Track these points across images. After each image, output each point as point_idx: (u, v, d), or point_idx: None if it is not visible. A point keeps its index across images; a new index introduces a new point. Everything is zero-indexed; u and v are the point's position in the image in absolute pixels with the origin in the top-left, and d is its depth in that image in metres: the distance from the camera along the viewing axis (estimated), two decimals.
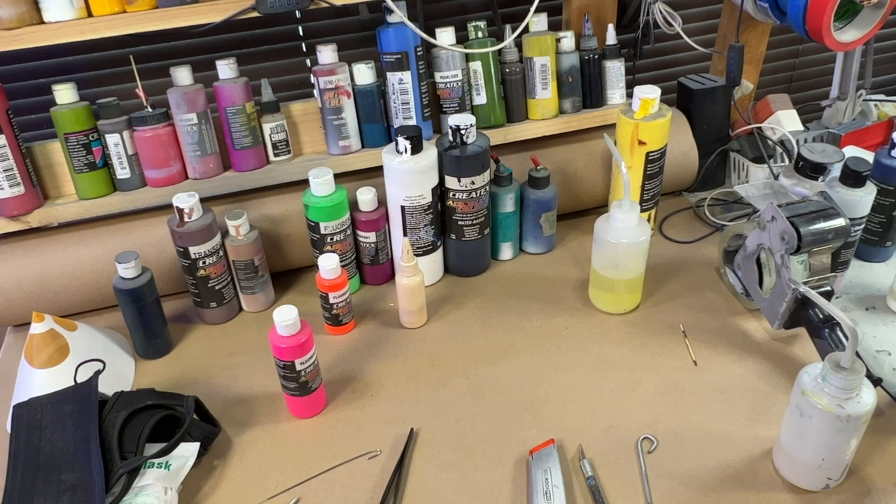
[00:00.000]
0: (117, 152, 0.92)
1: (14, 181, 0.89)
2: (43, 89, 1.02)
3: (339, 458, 0.73)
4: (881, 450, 0.70)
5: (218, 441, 0.76)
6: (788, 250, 0.77)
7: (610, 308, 0.92)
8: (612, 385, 0.80)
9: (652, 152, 0.96)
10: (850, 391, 0.60)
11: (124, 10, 0.82)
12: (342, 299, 0.89)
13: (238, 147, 0.95)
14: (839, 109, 1.20)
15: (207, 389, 0.83)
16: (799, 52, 1.44)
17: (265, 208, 0.97)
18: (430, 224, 0.94)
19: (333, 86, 0.94)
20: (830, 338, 0.75)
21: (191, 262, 0.89)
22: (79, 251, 0.93)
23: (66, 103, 0.89)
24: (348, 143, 0.98)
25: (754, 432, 0.73)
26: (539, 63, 1.00)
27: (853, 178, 0.85)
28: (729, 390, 0.79)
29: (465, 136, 0.90)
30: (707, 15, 1.32)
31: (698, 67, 1.37)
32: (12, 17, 0.79)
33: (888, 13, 0.94)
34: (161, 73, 0.96)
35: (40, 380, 0.78)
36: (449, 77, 0.97)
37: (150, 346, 0.89)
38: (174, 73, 0.91)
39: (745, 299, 0.90)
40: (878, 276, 0.95)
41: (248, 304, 0.96)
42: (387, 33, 0.92)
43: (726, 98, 1.12)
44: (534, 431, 0.75)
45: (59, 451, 0.68)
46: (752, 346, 0.85)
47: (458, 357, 0.86)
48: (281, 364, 0.75)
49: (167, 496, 0.66)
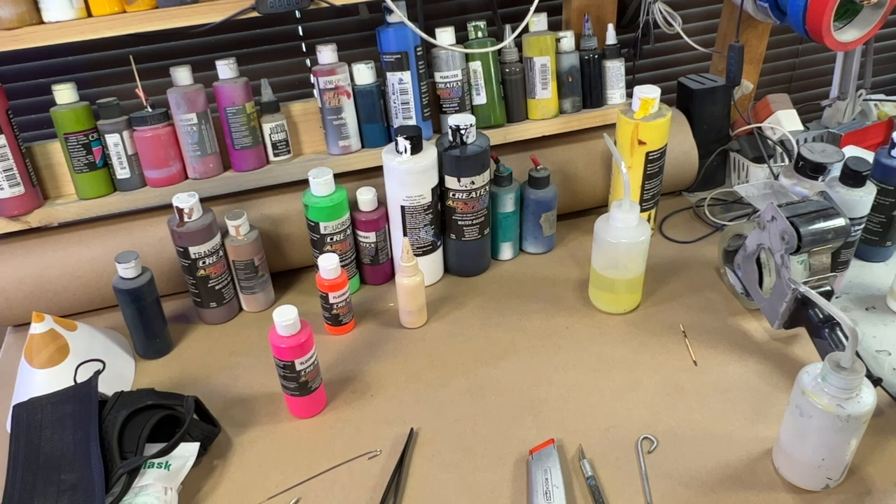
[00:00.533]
0: (117, 152, 0.92)
1: (14, 181, 0.89)
2: (43, 89, 1.02)
3: (339, 458, 0.73)
4: (881, 450, 0.70)
5: (218, 441, 0.76)
6: (788, 250, 0.77)
7: (610, 308, 0.92)
8: (612, 385, 0.80)
9: (652, 152, 0.96)
10: (850, 391, 0.60)
11: (124, 10, 0.82)
12: (342, 299, 0.89)
13: (238, 147, 0.95)
14: (839, 109, 1.20)
15: (207, 389, 0.83)
16: (799, 52, 1.44)
17: (265, 208, 0.97)
18: (429, 224, 0.94)
19: (333, 86, 0.94)
20: (830, 338, 0.75)
21: (191, 262, 0.89)
22: (79, 251, 0.93)
23: (65, 103, 0.89)
24: (348, 143, 0.98)
25: (754, 432, 0.73)
26: (539, 63, 1.00)
27: (853, 178, 0.85)
28: (729, 390, 0.79)
29: (465, 136, 0.90)
30: (707, 15, 1.32)
31: (698, 67, 1.37)
32: (12, 17, 0.79)
33: (888, 13, 0.94)
34: (161, 73, 0.97)
35: (40, 380, 0.78)
36: (449, 77, 0.97)
37: (150, 346, 0.89)
38: (174, 73, 0.91)
39: (745, 299, 0.90)
40: (878, 276, 0.95)
41: (248, 304, 0.96)
42: (386, 33, 0.92)
43: (726, 98, 1.12)
44: (534, 431, 0.75)
45: (59, 451, 0.68)
46: (752, 346, 0.85)
47: (458, 357, 0.86)
48: (281, 364, 0.75)
49: (167, 496, 0.66)
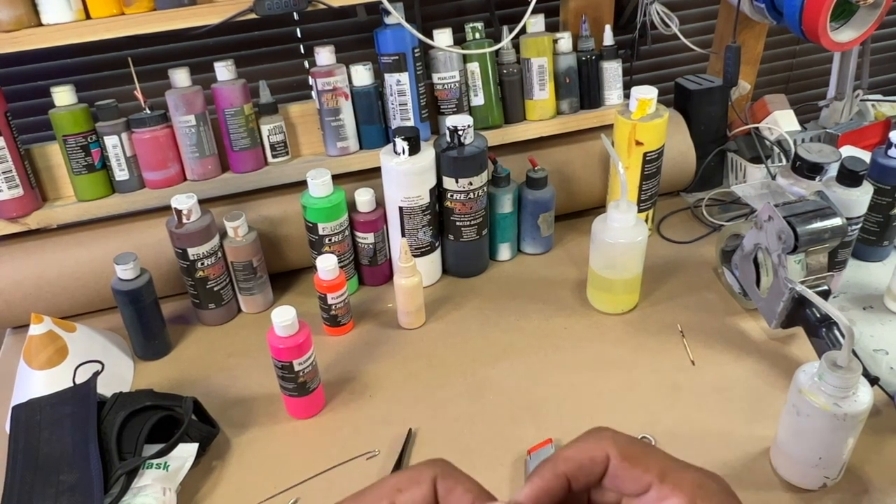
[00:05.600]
0: (116, 154, 0.92)
1: (13, 183, 0.89)
2: (41, 91, 1.02)
3: (338, 458, 0.73)
4: (878, 448, 0.70)
5: (217, 442, 0.77)
6: (785, 250, 0.77)
7: (608, 308, 0.92)
8: (609, 385, 0.81)
9: (649, 153, 0.97)
10: (847, 390, 0.60)
11: (122, 12, 0.82)
12: (340, 300, 0.89)
13: (236, 148, 0.95)
14: (836, 109, 1.20)
15: (206, 390, 0.83)
16: (796, 53, 1.45)
17: (263, 209, 0.97)
18: (428, 225, 0.94)
19: (331, 87, 0.94)
20: (827, 337, 0.75)
21: (189, 264, 0.89)
22: (78, 253, 0.93)
23: (64, 105, 0.89)
24: (346, 144, 0.98)
25: (752, 431, 0.73)
26: (536, 64, 1.00)
27: (850, 178, 0.85)
28: (726, 390, 0.79)
29: (463, 136, 0.90)
30: (704, 15, 1.32)
31: (695, 68, 1.37)
32: (10, 20, 0.79)
33: (884, 13, 0.94)
34: (159, 75, 0.97)
35: (39, 381, 0.78)
36: (446, 78, 0.97)
37: (149, 348, 0.89)
38: (172, 74, 0.91)
39: (743, 299, 0.90)
40: (875, 276, 0.96)
41: (246, 305, 0.96)
42: (384, 35, 0.93)
43: (723, 98, 1.12)
44: (532, 431, 0.75)
45: (58, 452, 0.68)
46: (749, 345, 0.85)
47: (457, 357, 0.86)
48: (279, 365, 0.75)
49: (166, 497, 0.66)
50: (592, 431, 0.32)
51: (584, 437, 0.31)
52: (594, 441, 0.31)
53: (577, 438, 0.31)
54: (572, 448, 0.31)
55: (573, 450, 0.31)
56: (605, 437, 0.31)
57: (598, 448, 0.31)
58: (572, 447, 0.31)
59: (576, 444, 0.31)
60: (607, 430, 0.31)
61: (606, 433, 0.31)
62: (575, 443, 0.31)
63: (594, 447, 0.31)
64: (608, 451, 0.30)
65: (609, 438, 0.31)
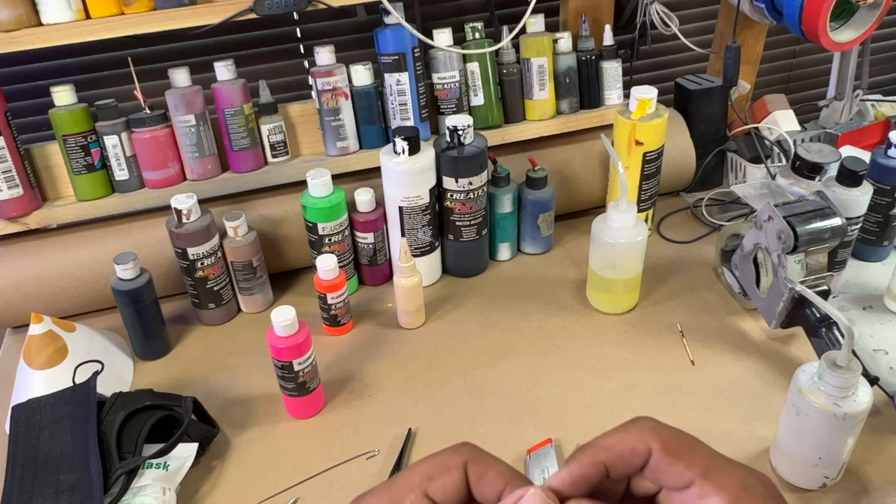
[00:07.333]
0: (115, 154, 0.92)
1: (13, 183, 0.89)
2: (41, 91, 1.02)
3: (338, 458, 0.73)
4: (878, 448, 0.70)
5: (216, 441, 0.77)
6: (785, 250, 0.77)
7: (608, 308, 0.92)
8: (609, 385, 0.81)
9: (649, 153, 0.97)
10: (847, 390, 0.60)
11: (122, 12, 0.82)
12: (340, 300, 0.89)
13: (236, 148, 0.95)
14: (836, 109, 1.20)
15: (206, 390, 0.83)
16: (796, 53, 1.45)
17: (263, 209, 0.97)
18: (427, 225, 0.95)
19: (331, 87, 0.94)
20: (827, 337, 0.75)
21: (189, 264, 0.89)
22: (77, 252, 0.93)
23: (64, 105, 0.89)
24: (346, 144, 0.98)
25: (751, 431, 0.73)
26: (536, 64, 1.00)
27: (850, 178, 0.85)
28: (726, 390, 0.79)
29: (463, 136, 0.90)
30: (704, 15, 1.32)
31: (695, 68, 1.38)
32: (10, 19, 0.79)
33: (884, 13, 0.94)
34: (159, 75, 0.97)
35: (39, 381, 0.78)
36: (446, 78, 0.97)
37: (149, 347, 0.89)
38: (172, 74, 0.91)
39: (743, 299, 0.90)
40: (875, 276, 0.96)
41: (246, 305, 0.96)
42: (384, 34, 0.93)
43: (723, 98, 1.12)
44: (532, 431, 0.75)
45: (58, 452, 0.68)
46: (749, 345, 0.85)
47: (457, 357, 0.86)
48: (279, 364, 0.75)
49: (166, 496, 0.66)
50: (635, 420, 0.30)
51: (627, 427, 0.30)
52: (637, 431, 0.30)
53: (619, 427, 0.30)
54: (613, 437, 0.30)
55: (614, 438, 0.30)
56: (648, 427, 0.30)
57: (641, 439, 0.29)
58: (613, 435, 0.30)
59: (617, 433, 0.30)
60: (651, 420, 0.30)
61: (650, 423, 0.30)
62: (616, 431, 0.30)
63: (636, 438, 0.30)
64: (651, 443, 0.29)
65: (653, 430, 0.30)
